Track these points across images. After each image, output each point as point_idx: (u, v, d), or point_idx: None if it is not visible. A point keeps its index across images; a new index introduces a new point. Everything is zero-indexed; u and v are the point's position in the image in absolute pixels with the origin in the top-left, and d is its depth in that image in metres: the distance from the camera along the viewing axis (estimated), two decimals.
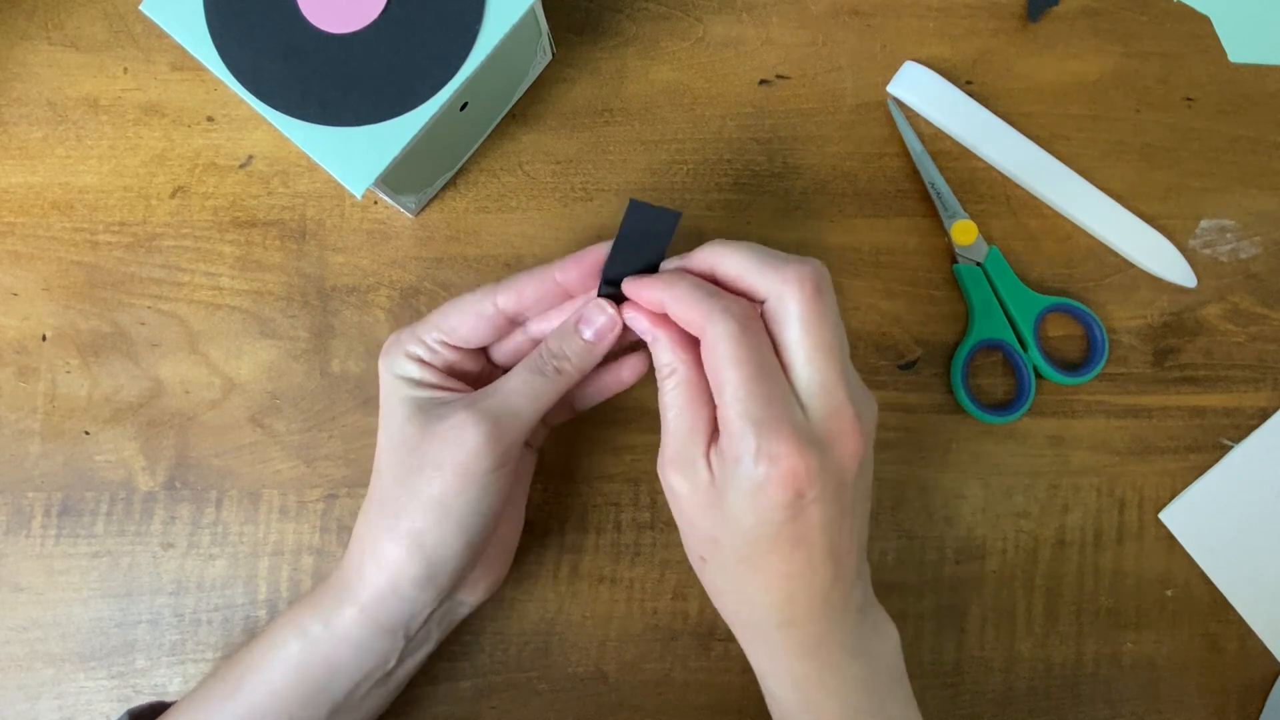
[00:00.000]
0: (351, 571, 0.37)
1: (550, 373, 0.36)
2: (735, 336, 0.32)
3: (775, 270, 0.33)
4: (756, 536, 0.33)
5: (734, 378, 0.32)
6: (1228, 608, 0.47)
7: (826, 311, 0.33)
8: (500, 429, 0.35)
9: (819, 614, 0.35)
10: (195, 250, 0.46)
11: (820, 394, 0.33)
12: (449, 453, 0.35)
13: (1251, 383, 0.47)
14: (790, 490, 0.32)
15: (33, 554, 0.45)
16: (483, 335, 0.38)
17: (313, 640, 0.37)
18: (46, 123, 0.47)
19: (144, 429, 0.45)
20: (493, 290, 0.37)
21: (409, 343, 0.38)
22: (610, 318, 0.36)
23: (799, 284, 0.33)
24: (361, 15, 0.39)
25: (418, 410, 0.36)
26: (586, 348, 0.36)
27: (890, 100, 0.48)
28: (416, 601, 0.37)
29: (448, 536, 0.36)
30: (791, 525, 0.33)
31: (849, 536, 0.34)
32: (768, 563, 0.34)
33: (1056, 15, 0.49)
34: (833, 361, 0.33)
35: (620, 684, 0.45)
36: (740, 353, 0.32)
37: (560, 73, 0.48)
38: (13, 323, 0.46)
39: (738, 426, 0.32)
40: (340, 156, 0.39)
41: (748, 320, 0.33)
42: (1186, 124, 0.49)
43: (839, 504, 0.33)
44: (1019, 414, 0.46)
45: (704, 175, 0.47)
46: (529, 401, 0.36)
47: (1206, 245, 0.48)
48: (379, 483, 0.37)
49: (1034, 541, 0.46)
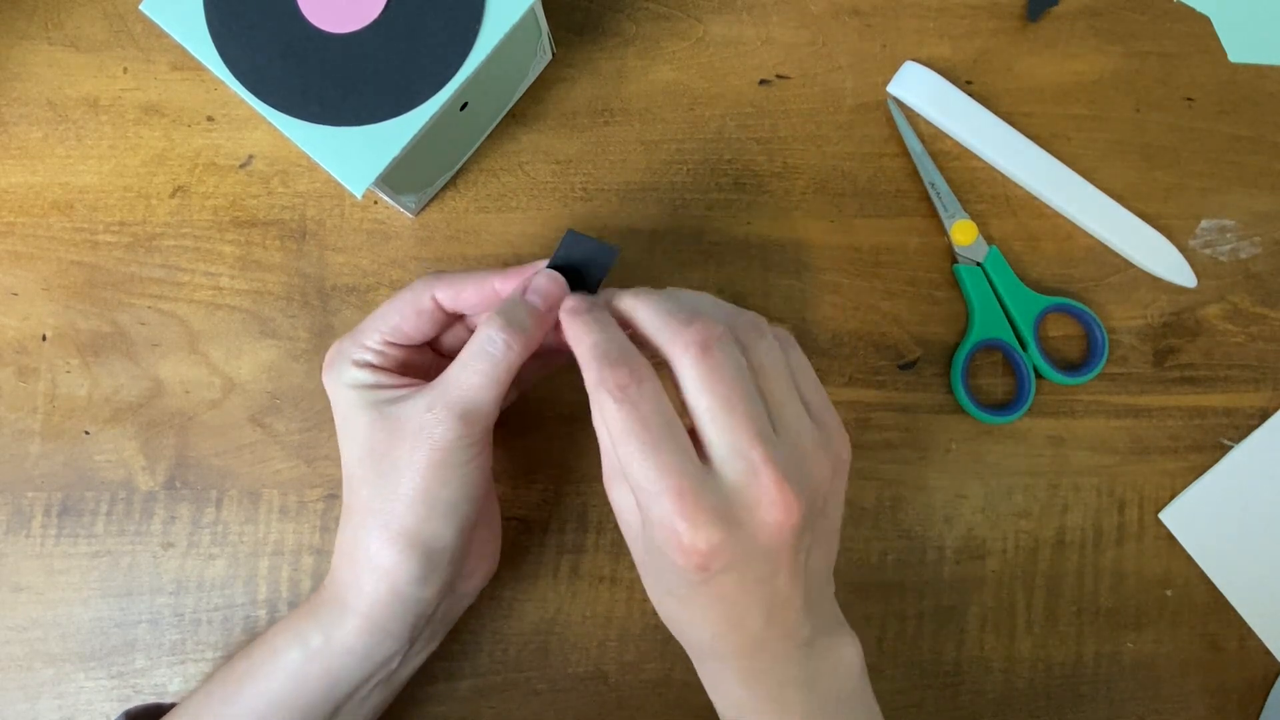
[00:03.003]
0: (346, 585, 0.37)
1: (500, 348, 0.35)
2: (615, 413, 0.31)
3: (670, 331, 0.33)
4: (677, 584, 0.33)
5: (624, 453, 0.31)
6: (1228, 608, 0.47)
7: (722, 366, 0.32)
8: (468, 419, 0.35)
9: (752, 653, 0.34)
10: (195, 250, 0.46)
11: (730, 458, 0.31)
12: (420, 450, 0.35)
13: (1251, 383, 0.47)
14: (692, 564, 0.31)
15: (33, 554, 0.45)
16: (425, 331, 0.38)
17: (313, 651, 0.37)
18: (46, 123, 0.47)
19: (144, 429, 0.45)
20: (430, 283, 0.37)
21: (353, 351, 0.37)
22: (554, 279, 0.36)
23: (684, 348, 0.32)
24: (361, 15, 0.39)
25: (379, 415, 0.36)
26: (533, 313, 0.35)
27: (890, 100, 0.48)
28: (420, 601, 0.37)
29: (439, 528, 0.36)
30: (705, 588, 0.32)
31: (787, 587, 0.33)
32: (694, 605, 0.34)
33: (1056, 15, 0.49)
34: (740, 420, 0.31)
35: (620, 684, 0.45)
36: (626, 427, 0.31)
37: (560, 73, 0.48)
38: (13, 323, 0.46)
39: (639, 498, 0.32)
40: (340, 156, 0.39)
41: (626, 391, 0.31)
42: (1186, 124, 0.49)
43: (758, 572, 0.32)
44: (1019, 414, 0.46)
45: (704, 175, 0.47)
46: (487, 383, 0.35)
47: (1206, 245, 0.48)
48: (355, 495, 0.37)
49: (1034, 541, 0.46)
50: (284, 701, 0.36)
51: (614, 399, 0.31)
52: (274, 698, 0.36)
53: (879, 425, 0.46)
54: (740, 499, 0.31)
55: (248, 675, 0.37)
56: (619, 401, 0.31)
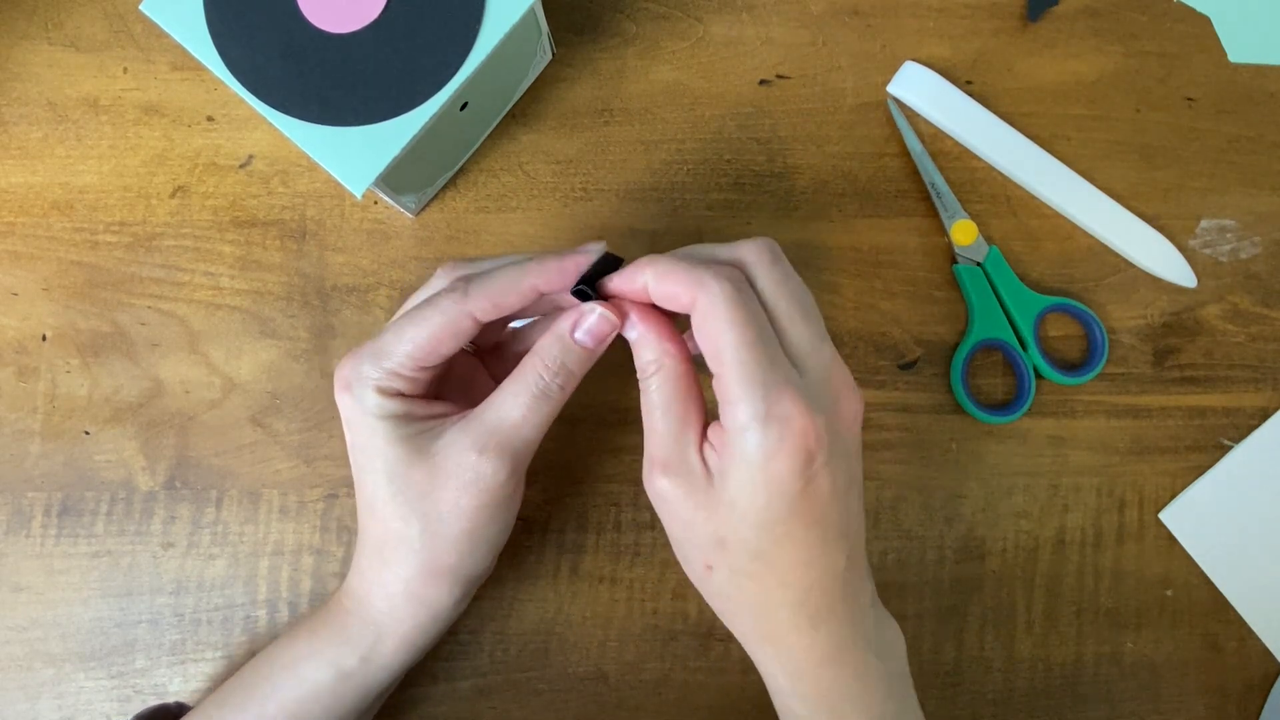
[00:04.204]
0: (379, 609, 0.37)
1: (556, 391, 0.34)
2: (731, 298, 0.31)
3: (730, 249, 0.34)
4: (769, 520, 0.32)
5: (733, 340, 0.31)
6: (1228, 608, 0.47)
7: (791, 276, 0.33)
8: (517, 459, 0.35)
9: (838, 607, 0.33)
10: (195, 250, 0.46)
11: (811, 354, 0.32)
12: (468, 495, 0.34)
13: (1251, 383, 0.47)
14: (802, 453, 0.31)
15: (33, 554, 0.45)
16: (462, 345, 0.35)
17: (348, 673, 0.37)
18: (46, 123, 0.47)
19: (144, 429, 0.45)
20: (463, 302, 0.34)
21: (376, 374, 0.34)
22: (605, 318, 0.34)
23: (756, 253, 0.33)
24: (361, 15, 0.39)
25: (414, 451, 0.34)
26: (585, 354, 0.35)
27: (890, 100, 0.48)
28: (454, 616, 0.38)
29: (482, 558, 0.36)
30: (804, 499, 0.31)
31: (856, 513, 0.34)
32: (782, 552, 0.32)
33: (1056, 15, 0.49)
34: (813, 322, 0.33)
35: (620, 684, 0.45)
36: (738, 314, 0.31)
37: (560, 73, 0.48)
38: (13, 323, 0.46)
39: (741, 392, 0.31)
40: (340, 156, 0.39)
41: (741, 282, 0.32)
42: (1186, 124, 0.49)
43: (846, 469, 0.33)
44: (1019, 414, 0.46)
45: (704, 175, 0.47)
46: (536, 427, 0.35)
47: (1206, 245, 0.48)
48: (384, 526, 0.35)
49: (1034, 541, 0.46)
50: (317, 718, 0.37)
51: (734, 285, 0.31)
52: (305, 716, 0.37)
53: (879, 425, 0.46)
54: (826, 390, 0.32)
55: (269, 699, 0.37)
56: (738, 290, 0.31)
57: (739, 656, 0.45)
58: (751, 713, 0.45)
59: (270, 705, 0.37)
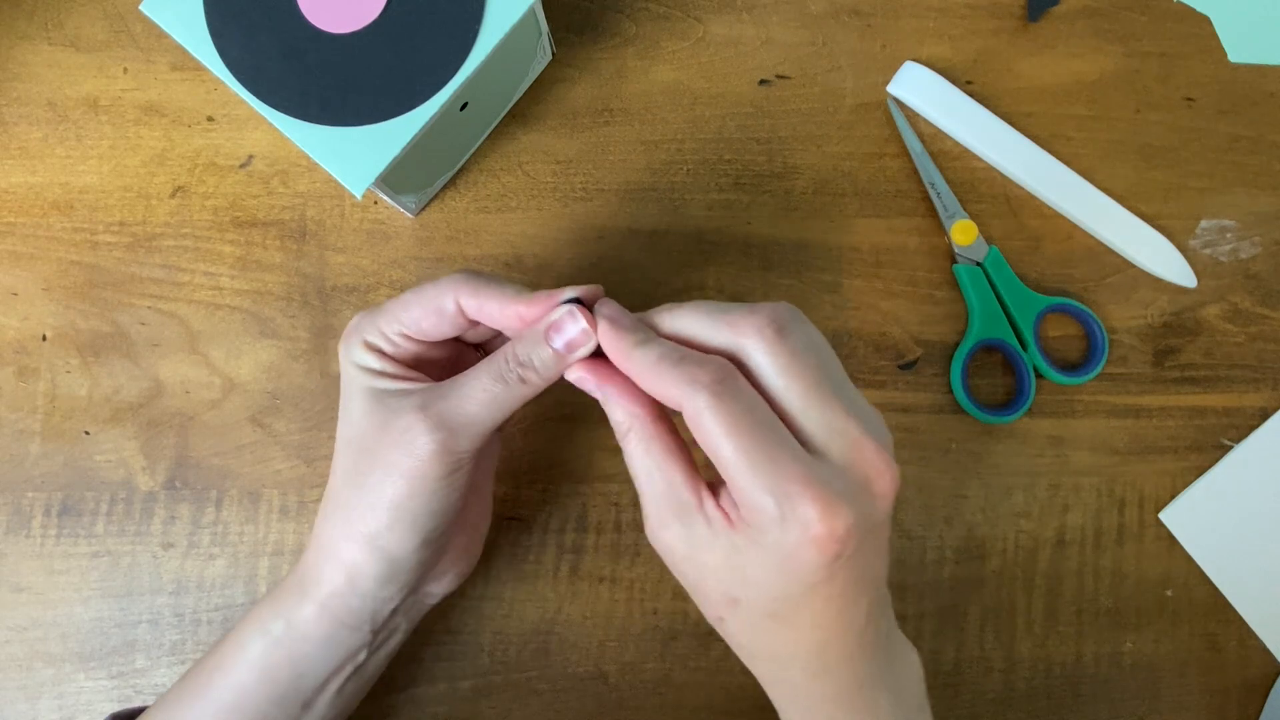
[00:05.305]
0: (310, 569, 0.37)
1: (514, 381, 0.34)
2: (714, 408, 0.29)
3: (728, 326, 0.31)
4: (785, 595, 0.31)
5: (729, 450, 0.29)
6: (1228, 608, 0.47)
7: (799, 349, 0.31)
8: (454, 438, 0.34)
9: (854, 656, 0.33)
10: (195, 250, 0.46)
11: (832, 436, 0.30)
12: (399, 457, 0.34)
13: (1251, 383, 0.47)
14: (829, 553, 0.29)
15: (33, 554, 0.45)
16: (443, 330, 0.35)
17: (275, 640, 0.36)
18: (46, 123, 0.47)
19: (144, 429, 0.45)
20: (456, 286, 0.34)
21: (368, 331, 0.36)
22: (583, 329, 0.33)
23: (756, 334, 0.30)
24: (361, 15, 0.39)
25: (375, 404, 0.35)
26: (556, 358, 0.33)
27: (890, 100, 0.48)
28: (378, 598, 0.36)
29: (403, 538, 0.35)
30: (827, 584, 0.30)
31: (882, 562, 0.32)
32: (799, 617, 0.31)
33: (1056, 15, 0.49)
34: (830, 397, 0.30)
35: (620, 684, 0.45)
36: (726, 421, 0.29)
37: (560, 73, 0.48)
38: (13, 323, 0.46)
39: (753, 496, 0.29)
40: (340, 156, 0.39)
41: (721, 384, 0.29)
42: (1186, 124, 0.49)
43: (874, 546, 0.31)
44: (1019, 414, 0.46)
45: (704, 175, 0.47)
46: (487, 410, 0.34)
47: (1206, 245, 0.48)
48: (334, 479, 0.36)
49: (1034, 541, 0.46)
50: (253, 691, 0.36)
51: (714, 394, 0.29)
52: (243, 689, 0.36)
53: None
54: (852, 475, 0.30)
55: (217, 669, 0.37)
56: (719, 396, 0.29)
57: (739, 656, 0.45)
58: (751, 713, 0.45)
59: (217, 678, 0.36)
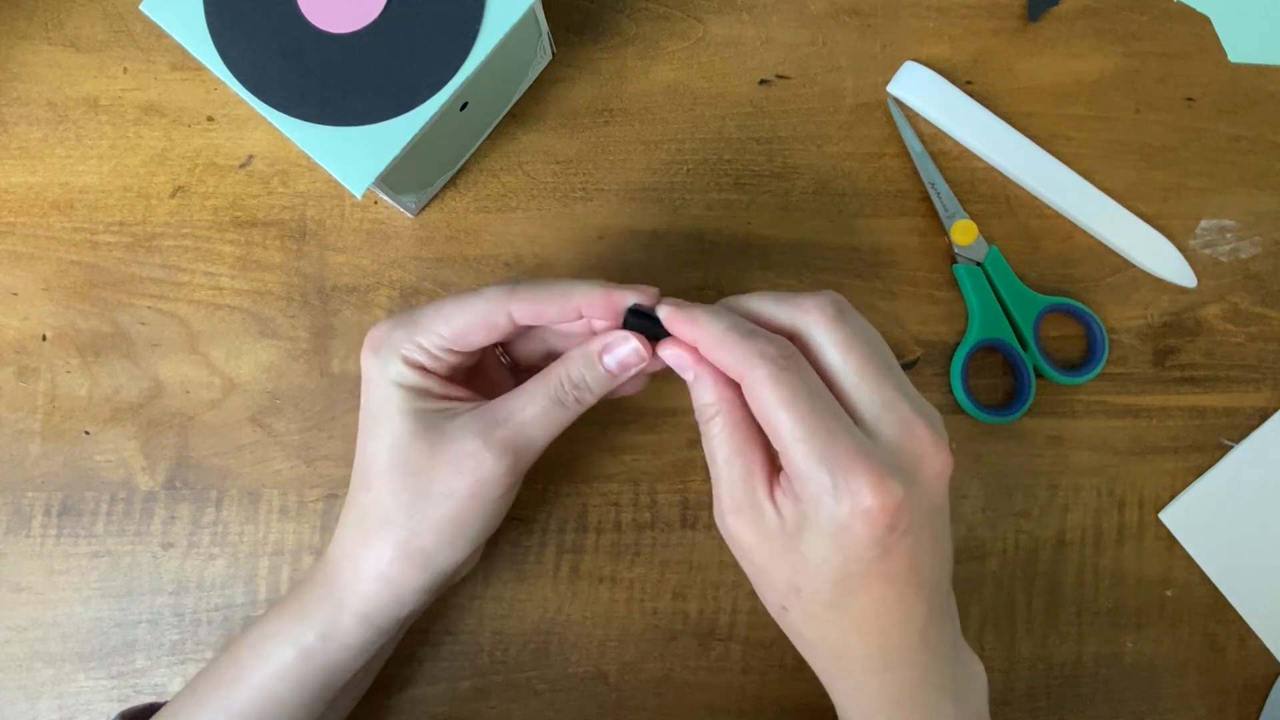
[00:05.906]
0: (345, 582, 0.36)
1: (571, 403, 0.35)
2: (776, 379, 0.30)
3: (792, 307, 0.33)
4: (843, 576, 0.31)
5: (787, 421, 0.30)
6: (1228, 608, 0.47)
7: (858, 331, 0.32)
8: (519, 461, 0.35)
9: (916, 653, 0.33)
10: (195, 250, 0.46)
11: (885, 414, 0.31)
12: (464, 481, 0.34)
13: (1251, 383, 0.47)
14: (880, 526, 0.30)
15: (33, 554, 0.45)
16: (491, 340, 0.36)
17: (307, 650, 0.36)
18: (46, 123, 0.47)
19: (144, 429, 0.45)
20: (506, 298, 0.34)
21: (406, 346, 0.35)
22: (636, 351, 0.34)
23: (819, 311, 0.32)
24: (361, 15, 0.39)
25: (422, 426, 0.34)
26: (609, 378, 0.35)
27: (890, 100, 0.48)
28: (417, 603, 0.37)
29: (458, 552, 0.36)
30: (881, 562, 0.31)
31: (940, 564, 0.33)
32: (858, 604, 0.32)
33: (1056, 15, 0.49)
34: (885, 377, 0.31)
35: (620, 684, 0.45)
36: (785, 394, 0.30)
37: (560, 73, 0.48)
38: (13, 323, 0.46)
39: (807, 468, 0.30)
40: (340, 156, 0.39)
41: (786, 359, 0.31)
42: (1186, 124, 0.49)
43: (931, 531, 0.31)
44: (1019, 414, 0.46)
45: (704, 175, 0.47)
46: (548, 432, 0.35)
47: (1206, 245, 0.48)
48: (373, 497, 0.35)
49: (1034, 541, 0.46)
50: (287, 699, 0.36)
51: (779, 366, 0.30)
52: (273, 697, 0.36)
53: None
54: (904, 455, 0.31)
55: (237, 681, 0.36)
56: (782, 369, 0.30)
57: (739, 656, 0.45)
58: (751, 713, 0.45)
59: (239, 689, 0.36)
